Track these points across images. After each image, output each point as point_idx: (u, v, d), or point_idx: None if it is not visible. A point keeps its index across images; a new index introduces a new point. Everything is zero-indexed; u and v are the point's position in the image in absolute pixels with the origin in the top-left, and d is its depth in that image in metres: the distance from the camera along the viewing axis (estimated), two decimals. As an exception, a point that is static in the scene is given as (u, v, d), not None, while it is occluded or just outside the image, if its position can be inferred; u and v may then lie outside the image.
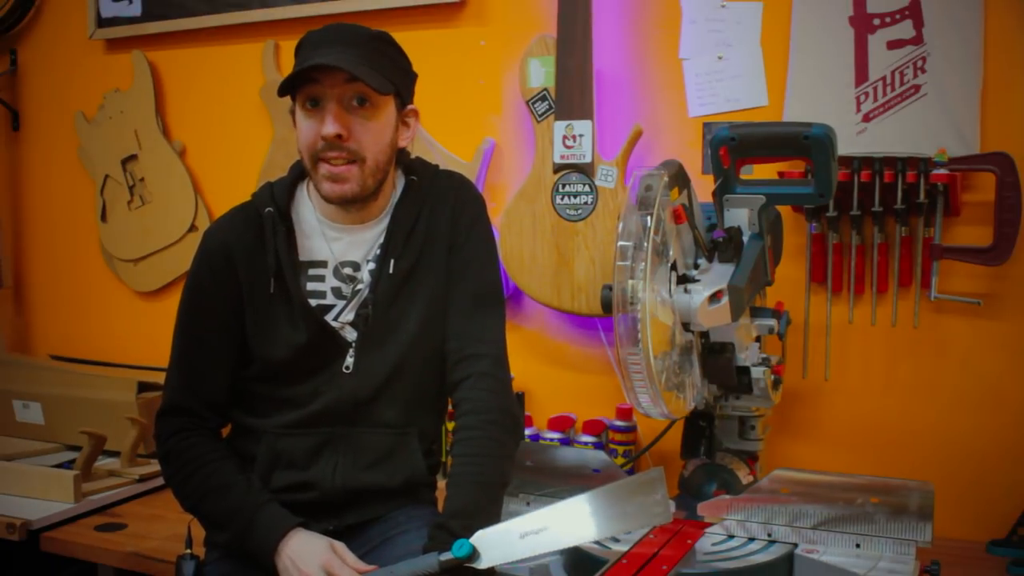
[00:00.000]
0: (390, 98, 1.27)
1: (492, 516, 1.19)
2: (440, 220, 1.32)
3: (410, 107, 1.32)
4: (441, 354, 1.31)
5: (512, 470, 1.27)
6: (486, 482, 1.20)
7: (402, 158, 1.35)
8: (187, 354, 1.31)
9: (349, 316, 1.30)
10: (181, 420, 1.30)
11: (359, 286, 1.30)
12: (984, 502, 1.58)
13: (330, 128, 1.21)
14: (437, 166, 1.39)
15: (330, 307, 1.30)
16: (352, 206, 1.29)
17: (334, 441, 1.29)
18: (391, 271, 1.29)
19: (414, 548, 1.17)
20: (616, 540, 1.37)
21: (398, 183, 1.35)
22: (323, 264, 1.31)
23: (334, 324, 1.29)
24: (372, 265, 1.31)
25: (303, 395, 1.29)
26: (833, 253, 1.65)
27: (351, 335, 1.29)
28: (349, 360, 1.29)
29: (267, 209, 1.30)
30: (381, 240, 1.31)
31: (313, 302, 1.29)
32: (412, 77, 1.33)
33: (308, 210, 1.33)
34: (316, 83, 1.22)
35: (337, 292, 1.30)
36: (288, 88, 1.24)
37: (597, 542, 1.36)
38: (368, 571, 1.15)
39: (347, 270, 1.31)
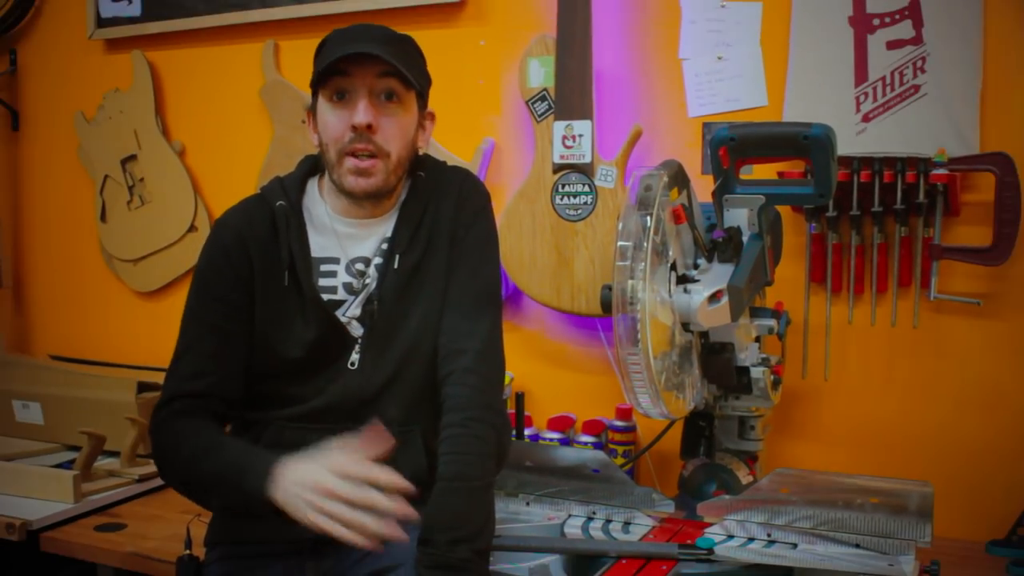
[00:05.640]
0: (414, 96, 1.28)
1: (477, 519, 1.15)
2: (444, 213, 1.31)
3: (428, 110, 1.34)
4: None
5: (498, 467, 1.24)
6: (469, 485, 1.16)
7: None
8: (199, 342, 1.26)
9: (356, 311, 1.29)
10: (183, 403, 1.24)
11: (368, 280, 1.29)
12: (984, 502, 1.58)
13: (362, 117, 1.21)
14: (444, 162, 1.39)
15: (341, 302, 1.29)
16: (367, 202, 1.29)
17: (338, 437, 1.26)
18: (396, 266, 1.28)
19: (409, 555, 1.13)
20: (615, 540, 1.38)
21: (407, 180, 1.34)
22: (335, 260, 1.30)
23: (343, 319, 1.28)
24: (379, 260, 1.30)
25: (308, 391, 1.27)
26: (833, 253, 1.65)
27: (357, 331, 1.28)
28: (355, 356, 1.27)
29: (279, 203, 1.30)
30: (388, 236, 1.31)
31: (325, 297, 1.28)
32: (430, 81, 1.34)
33: (319, 205, 1.33)
34: (346, 76, 1.22)
35: (348, 287, 1.30)
36: (320, 79, 1.23)
37: (597, 542, 1.36)
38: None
39: (358, 265, 1.30)
